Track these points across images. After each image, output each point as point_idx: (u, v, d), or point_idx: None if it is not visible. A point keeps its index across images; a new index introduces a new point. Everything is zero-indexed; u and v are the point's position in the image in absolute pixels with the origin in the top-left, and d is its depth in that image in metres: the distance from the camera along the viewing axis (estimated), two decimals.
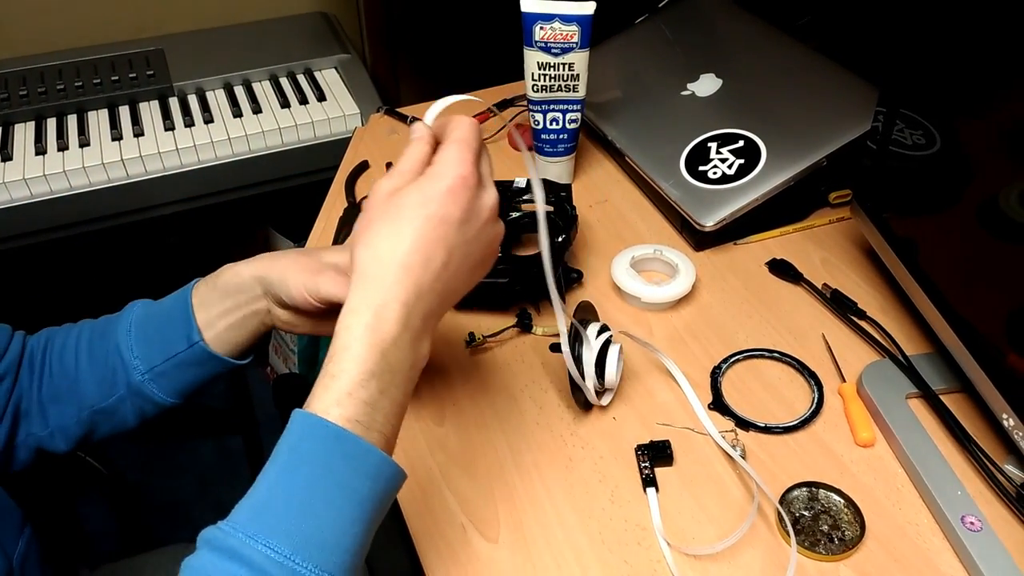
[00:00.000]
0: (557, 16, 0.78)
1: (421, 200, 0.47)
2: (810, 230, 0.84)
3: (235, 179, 1.20)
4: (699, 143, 0.84)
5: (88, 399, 0.62)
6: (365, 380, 0.44)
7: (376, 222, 0.47)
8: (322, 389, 0.44)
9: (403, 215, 0.46)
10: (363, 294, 0.46)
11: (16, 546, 0.61)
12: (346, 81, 1.29)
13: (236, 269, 0.60)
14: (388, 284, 0.45)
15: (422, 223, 0.46)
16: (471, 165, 0.48)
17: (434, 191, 0.47)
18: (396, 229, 0.46)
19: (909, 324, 0.72)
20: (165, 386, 0.62)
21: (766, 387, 0.68)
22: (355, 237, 0.48)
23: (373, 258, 0.46)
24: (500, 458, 0.63)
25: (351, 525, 0.43)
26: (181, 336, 0.61)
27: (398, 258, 0.46)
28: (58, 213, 1.12)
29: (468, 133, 0.50)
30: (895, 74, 0.69)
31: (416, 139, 0.51)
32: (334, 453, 0.43)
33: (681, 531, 0.58)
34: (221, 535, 0.41)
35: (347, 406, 0.43)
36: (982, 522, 0.55)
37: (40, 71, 1.25)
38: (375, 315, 0.45)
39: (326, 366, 0.45)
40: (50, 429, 0.63)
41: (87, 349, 0.63)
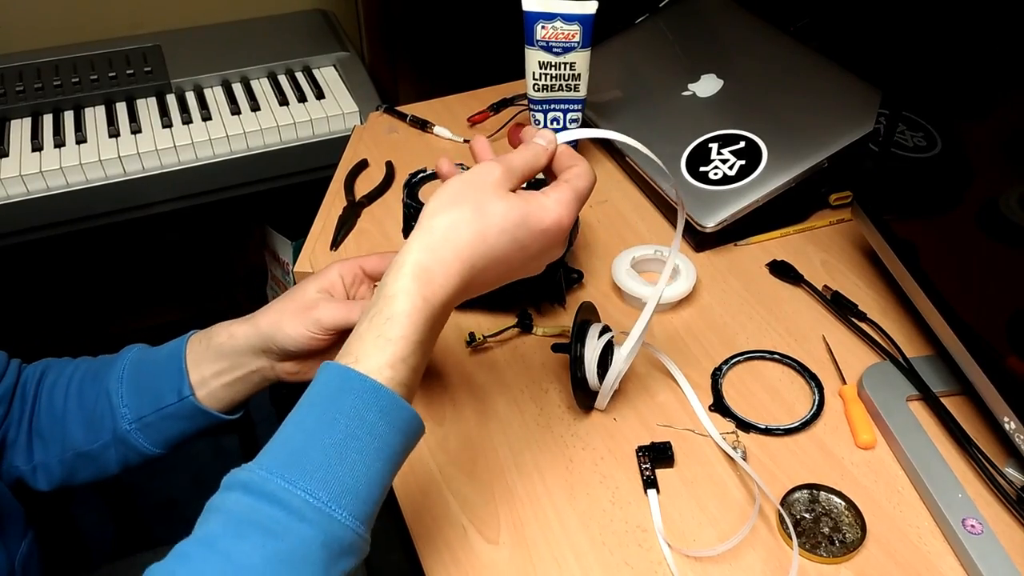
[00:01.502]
0: (559, 15, 0.78)
1: (518, 221, 0.48)
2: (811, 231, 0.84)
3: (233, 177, 1.19)
4: (700, 144, 0.83)
5: (72, 441, 0.62)
6: (415, 348, 0.46)
7: (468, 205, 0.48)
8: (376, 349, 0.45)
9: (495, 220, 0.47)
10: (426, 263, 0.46)
11: (19, 547, 0.60)
12: (345, 79, 1.28)
13: (231, 331, 0.60)
14: (450, 270, 0.47)
15: (506, 239, 0.48)
16: (572, 217, 0.50)
17: (534, 221, 0.48)
18: (483, 227, 0.47)
19: (910, 326, 0.72)
20: (151, 436, 0.62)
21: (767, 389, 0.68)
22: (441, 198, 0.48)
23: (449, 237, 0.47)
24: (500, 459, 0.63)
25: (380, 477, 0.44)
26: (172, 389, 0.60)
27: (470, 252, 0.47)
28: (55, 210, 1.11)
29: (586, 186, 0.51)
30: (898, 77, 0.69)
31: (539, 145, 0.52)
32: (373, 408, 0.44)
33: (682, 533, 0.57)
34: (258, 479, 0.42)
35: (399, 370, 0.45)
36: (983, 525, 0.55)
37: (37, 67, 1.24)
38: (432, 291, 0.46)
39: (381, 324, 0.45)
40: (33, 464, 0.62)
41: (77, 391, 0.62)
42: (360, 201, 0.89)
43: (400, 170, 0.94)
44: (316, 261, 0.82)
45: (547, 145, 0.52)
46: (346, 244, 0.84)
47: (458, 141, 0.99)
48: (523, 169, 0.51)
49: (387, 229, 0.86)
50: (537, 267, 0.52)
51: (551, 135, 0.53)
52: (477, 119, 1.01)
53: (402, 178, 0.92)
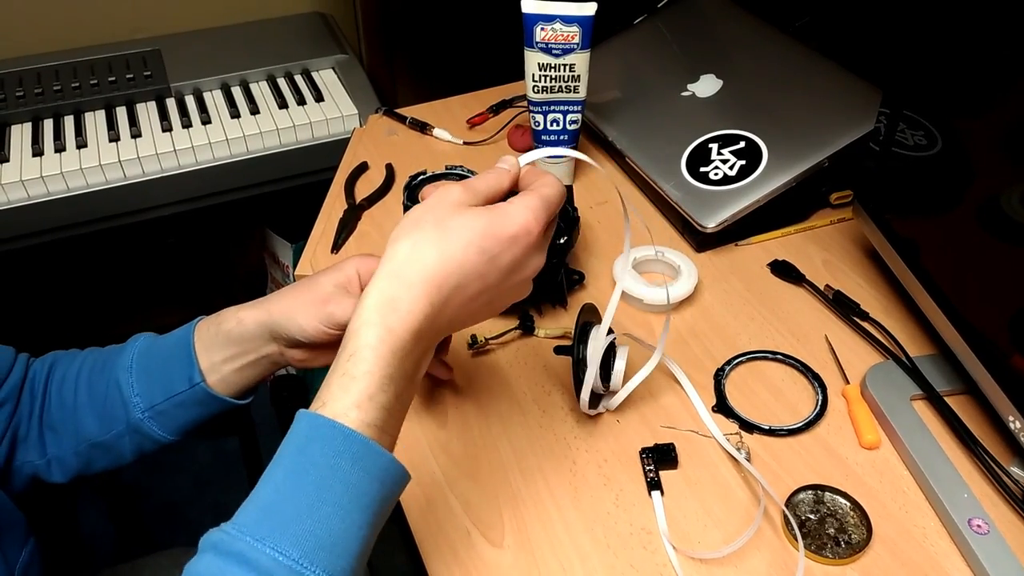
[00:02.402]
0: (558, 17, 0.78)
1: (483, 231, 0.46)
2: (811, 231, 0.84)
3: (233, 180, 1.19)
4: (700, 144, 0.83)
5: (86, 433, 0.62)
6: (385, 384, 0.44)
7: (429, 224, 0.46)
8: (340, 390, 0.43)
9: (459, 234, 0.46)
10: (389, 293, 0.45)
11: (19, 555, 0.60)
12: (344, 82, 1.28)
13: (239, 316, 0.59)
14: (416, 294, 0.45)
15: (473, 252, 0.46)
16: (541, 224, 0.48)
17: (498, 228, 0.46)
18: (446, 244, 0.45)
19: (912, 325, 0.72)
20: (165, 424, 0.61)
21: (769, 389, 0.68)
22: (403, 225, 0.47)
23: (412, 259, 0.45)
24: (503, 461, 0.63)
25: (359, 529, 0.42)
26: (182, 376, 0.60)
27: (435, 273, 0.45)
28: (55, 215, 1.11)
29: (553, 194, 0.49)
30: (898, 76, 0.69)
31: (502, 168, 0.51)
32: (344, 456, 0.42)
33: (686, 535, 0.57)
34: (228, 538, 0.40)
35: (367, 410, 0.43)
36: (989, 525, 0.55)
37: (37, 72, 1.24)
38: (399, 320, 0.44)
39: (343, 364, 0.44)
40: (47, 458, 0.62)
41: (87, 382, 0.62)
42: (360, 204, 0.89)
43: (400, 172, 0.94)
44: (317, 264, 0.82)
45: (509, 168, 0.51)
46: (347, 247, 0.84)
47: (458, 143, 0.98)
48: (485, 190, 0.49)
49: (388, 231, 0.84)
50: (519, 283, 0.50)
51: (513, 159, 0.52)
52: (477, 121, 1.01)
53: (402, 180, 0.92)
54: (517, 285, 0.50)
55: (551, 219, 0.50)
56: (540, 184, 0.50)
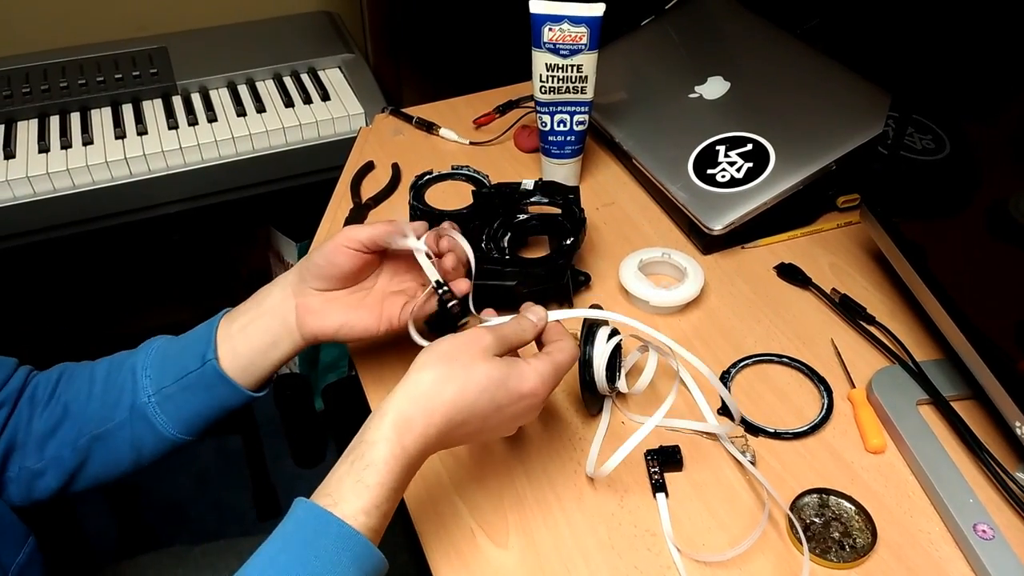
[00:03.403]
0: (566, 17, 0.78)
1: (498, 383, 0.51)
2: (818, 234, 0.84)
3: (238, 179, 1.19)
4: (707, 146, 0.83)
5: (88, 424, 0.62)
6: (390, 495, 0.48)
7: (457, 364, 0.51)
8: (353, 495, 0.47)
9: (478, 381, 0.51)
10: (408, 415, 0.50)
11: (16, 558, 0.60)
12: (350, 81, 1.28)
13: (268, 287, 0.64)
14: (431, 421, 0.50)
15: (486, 399, 0.51)
16: (549, 389, 0.54)
17: (511, 385, 0.52)
18: (466, 385, 0.51)
19: (919, 330, 0.72)
20: (169, 411, 0.62)
21: (775, 392, 0.67)
22: (433, 354, 0.52)
23: (434, 391, 0.50)
24: (509, 463, 0.63)
25: None
26: (196, 354, 0.61)
27: (450, 407, 0.50)
28: (61, 211, 1.11)
29: (567, 362, 0.55)
30: (908, 79, 0.69)
31: (530, 321, 0.57)
32: (346, 553, 0.46)
33: (691, 537, 0.57)
34: None
35: (372, 517, 0.47)
36: (994, 530, 0.55)
37: (43, 68, 1.24)
38: (412, 440, 0.49)
39: (359, 471, 0.48)
40: (44, 462, 0.62)
41: (105, 373, 0.63)
42: (366, 203, 0.89)
43: (406, 172, 0.94)
44: None
45: (537, 321, 0.57)
46: None
47: (464, 143, 0.98)
48: (512, 340, 0.55)
49: None
50: (509, 429, 0.55)
51: (542, 312, 0.57)
52: (483, 121, 1.01)
53: (408, 180, 0.91)
54: (507, 428, 0.55)
55: (559, 380, 0.55)
56: (557, 350, 0.55)
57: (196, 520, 1.44)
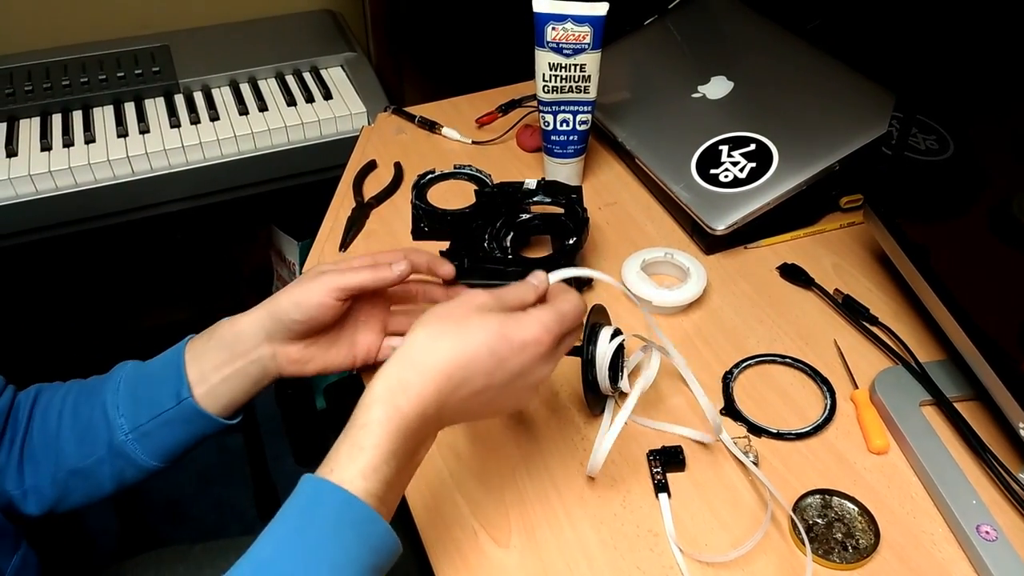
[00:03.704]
0: (569, 17, 0.78)
1: (496, 332, 0.49)
2: (821, 234, 0.84)
3: (240, 177, 1.19)
4: (710, 146, 0.83)
5: (66, 459, 0.61)
6: (389, 458, 0.46)
7: (450, 320, 0.50)
8: (348, 459, 0.45)
9: (474, 332, 0.49)
10: (402, 375, 0.48)
11: (10, 562, 0.59)
12: (352, 80, 1.28)
13: (233, 320, 0.61)
14: (426, 379, 0.48)
15: (483, 351, 0.49)
16: (553, 336, 0.51)
17: (510, 333, 0.49)
18: (461, 339, 0.49)
19: (922, 331, 0.72)
20: (148, 447, 0.61)
21: (778, 393, 0.67)
22: (428, 315, 0.51)
23: (427, 349, 0.49)
24: (511, 462, 0.62)
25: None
26: (170, 393, 0.60)
27: (446, 363, 0.48)
28: (63, 210, 1.11)
29: (571, 311, 0.53)
30: (912, 79, 0.68)
31: (530, 283, 0.55)
32: (345, 520, 0.44)
33: (694, 537, 0.57)
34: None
35: (372, 480, 0.45)
36: (997, 532, 0.55)
37: (45, 67, 1.24)
38: (407, 401, 0.47)
39: (354, 434, 0.46)
40: (24, 488, 0.61)
41: (72, 408, 0.62)
42: (369, 202, 0.89)
43: (409, 171, 0.94)
44: (325, 262, 0.82)
45: (537, 284, 0.55)
46: (355, 245, 0.84)
47: (466, 142, 0.98)
48: (511, 300, 0.52)
49: (396, 230, 0.86)
50: (523, 389, 0.52)
51: (543, 275, 0.55)
52: (485, 120, 1.01)
53: (411, 179, 0.91)
54: (521, 390, 0.52)
55: (565, 333, 0.52)
56: (561, 300, 0.53)
57: (197, 519, 1.44)
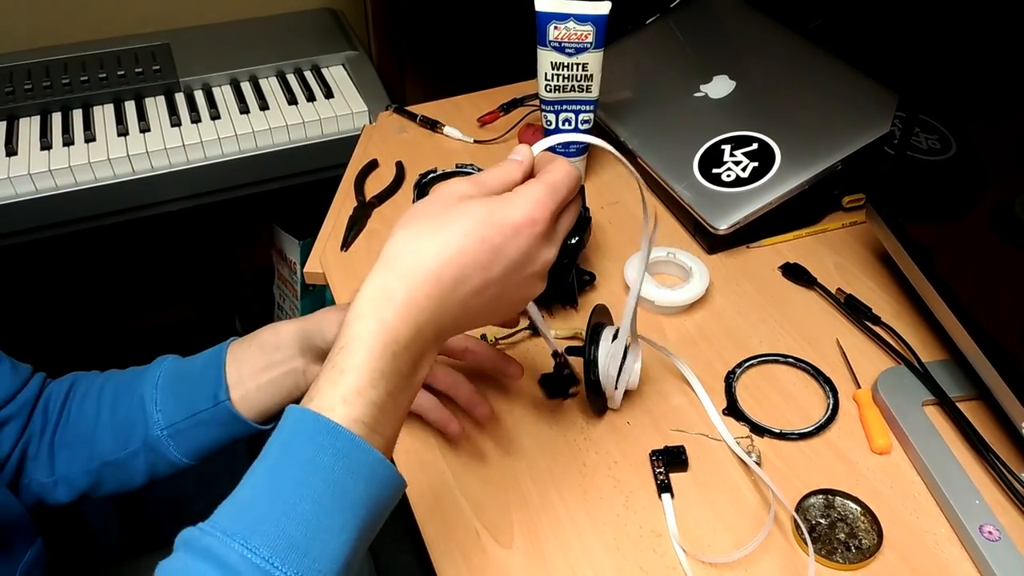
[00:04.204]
0: (572, 16, 0.78)
1: (483, 219, 0.43)
2: (823, 234, 0.84)
3: (241, 176, 1.19)
4: (712, 145, 0.83)
5: (100, 450, 0.61)
6: (376, 379, 0.41)
7: (429, 217, 0.43)
8: (328, 384, 0.40)
9: (459, 224, 0.43)
10: (383, 284, 0.42)
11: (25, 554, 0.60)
12: (353, 78, 1.28)
13: (275, 327, 0.60)
14: (414, 285, 0.42)
15: (473, 242, 0.43)
16: (548, 212, 0.45)
17: (500, 217, 0.43)
18: (445, 234, 0.43)
19: (925, 330, 0.72)
20: (182, 445, 0.61)
21: (781, 392, 0.67)
22: (404, 217, 0.44)
23: (408, 251, 0.43)
24: (513, 462, 0.62)
25: (340, 531, 0.39)
26: (208, 394, 0.60)
27: (433, 264, 0.42)
28: (64, 209, 1.11)
29: (562, 180, 0.46)
30: (914, 79, 0.68)
31: (513, 160, 0.48)
32: (326, 450, 0.39)
33: (697, 538, 0.57)
34: (199, 535, 0.38)
35: (355, 405, 0.40)
36: (1000, 532, 0.55)
37: (45, 65, 1.24)
38: (394, 312, 0.41)
39: (333, 357, 0.41)
40: (55, 477, 0.61)
41: (111, 401, 0.62)
42: (370, 201, 0.89)
43: (410, 170, 0.94)
44: (326, 262, 0.82)
45: (521, 159, 0.48)
46: (356, 245, 0.84)
47: (468, 141, 0.98)
48: (493, 183, 0.46)
49: None
50: (529, 278, 0.46)
51: (525, 148, 0.49)
52: (487, 119, 1.01)
53: (412, 178, 0.91)
54: (527, 280, 0.46)
55: (560, 207, 0.46)
56: (548, 171, 0.46)
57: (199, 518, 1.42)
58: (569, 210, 0.48)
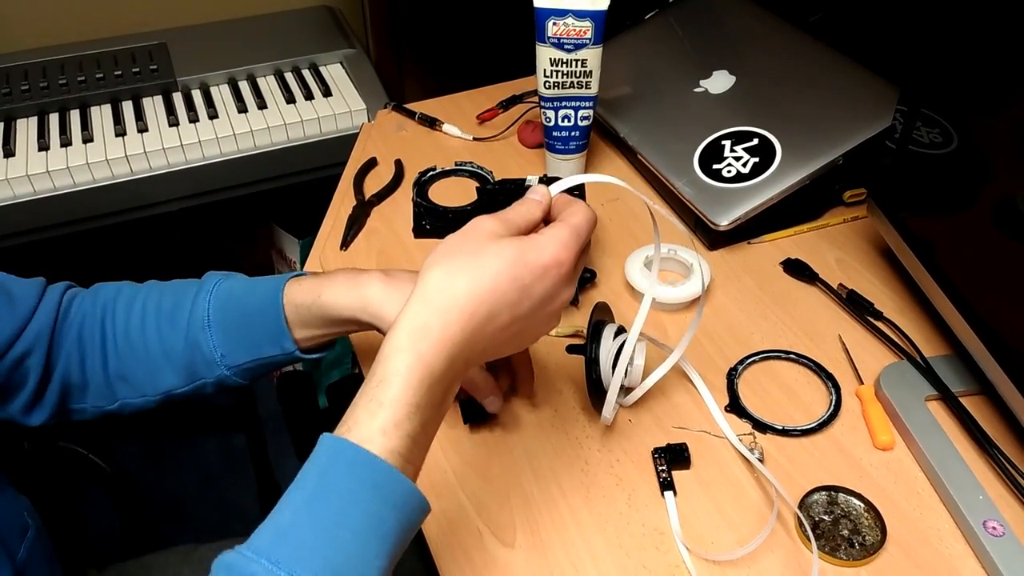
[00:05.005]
0: (570, 12, 0.77)
1: (514, 260, 0.46)
2: (824, 229, 0.83)
3: (239, 176, 1.19)
4: (713, 141, 0.83)
5: (163, 384, 0.63)
6: (412, 412, 0.43)
7: (463, 254, 0.47)
8: (367, 415, 0.43)
9: (492, 263, 0.46)
10: (421, 320, 0.45)
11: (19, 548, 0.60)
12: (352, 76, 1.28)
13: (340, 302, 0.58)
14: (449, 321, 0.45)
15: (505, 281, 0.46)
16: (573, 254, 0.48)
17: (530, 259, 0.47)
18: (479, 273, 0.46)
19: (927, 325, 0.71)
20: (247, 376, 0.64)
21: (783, 389, 0.67)
22: (436, 253, 0.48)
23: (444, 287, 0.46)
24: (515, 461, 0.62)
25: (375, 558, 0.41)
26: (274, 343, 0.61)
27: (467, 300, 0.45)
28: (61, 210, 1.10)
29: (584, 223, 0.50)
30: (916, 73, 0.68)
31: (534, 200, 0.52)
32: (367, 482, 0.41)
33: (700, 535, 0.57)
34: (242, 560, 0.39)
35: (392, 437, 0.42)
36: (1004, 527, 0.55)
37: (42, 65, 1.24)
38: (429, 347, 0.44)
39: (372, 389, 0.43)
40: (118, 403, 0.64)
41: (156, 334, 0.62)
42: (370, 200, 0.89)
43: (410, 168, 0.93)
44: (326, 261, 0.82)
45: (540, 199, 0.52)
46: (356, 243, 0.84)
47: (467, 139, 0.98)
48: (518, 221, 0.50)
49: (397, 228, 0.85)
50: (549, 315, 0.50)
51: (544, 189, 0.52)
52: (486, 116, 1.00)
53: (412, 176, 0.91)
54: (547, 316, 0.50)
55: (582, 249, 0.50)
56: (570, 213, 0.50)
57: (200, 518, 1.44)
58: (585, 253, 0.52)
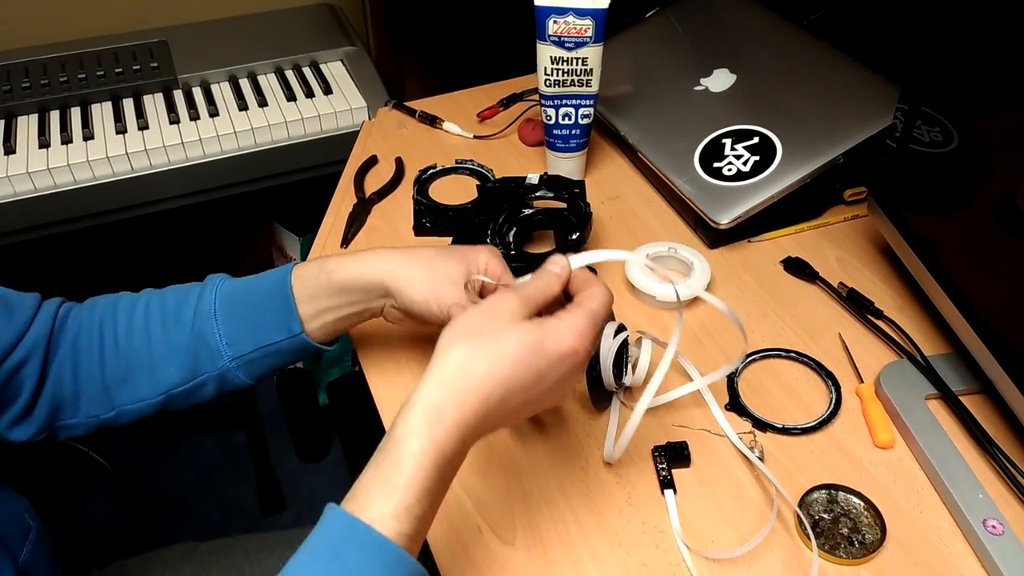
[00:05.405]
0: (571, 10, 0.77)
1: (532, 348, 0.47)
2: (824, 228, 0.83)
3: (240, 173, 1.19)
4: (713, 139, 0.83)
5: (164, 382, 0.62)
6: (422, 496, 0.44)
7: (484, 335, 0.47)
8: (380, 497, 0.43)
9: (510, 348, 0.47)
10: (439, 400, 0.45)
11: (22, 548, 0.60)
12: (352, 74, 1.28)
13: (361, 268, 0.59)
14: (464, 402, 0.45)
15: (523, 367, 0.47)
16: (589, 342, 0.49)
17: (548, 346, 0.47)
18: (498, 357, 0.46)
19: (927, 324, 0.71)
20: (251, 371, 0.62)
21: (783, 387, 0.67)
22: (457, 330, 0.48)
23: (463, 369, 0.46)
24: (515, 459, 0.62)
25: None
26: (280, 327, 0.60)
27: (484, 383, 0.46)
28: (62, 207, 1.10)
29: (600, 307, 0.51)
30: (916, 71, 0.68)
31: (553, 273, 0.52)
32: (377, 563, 0.42)
33: (700, 533, 0.57)
34: None
35: (404, 521, 0.43)
36: (1004, 526, 0.55)
37: (43, 63, 1.24)
38: (443, 430, 0.45)
39: (385, 469, 0.44)
40: (115, 411, 0.62)
41: (161, 332, 0.62)
42: (370, 197, 0.89)
43: (410, 166, 0.93)
44: None
45: (560, 272, 0.52)
46: (357, 241, 0.84)
47: (468, 137, 0.98)
48: (537, 298, 0.51)
49: (398, 226, 0.85)
50: (556, 398, 0.51)
51: (564, 261, 0.53)
52: (487, 114, 1.00)
53: (412, 174, 0.91)
54: (556, 397, 0.51)
55: (599, 333, 0.50)
56: (588, 297, 0.51)
57: (200, 516, 1.44)
58: (598, 335, 0.52)
